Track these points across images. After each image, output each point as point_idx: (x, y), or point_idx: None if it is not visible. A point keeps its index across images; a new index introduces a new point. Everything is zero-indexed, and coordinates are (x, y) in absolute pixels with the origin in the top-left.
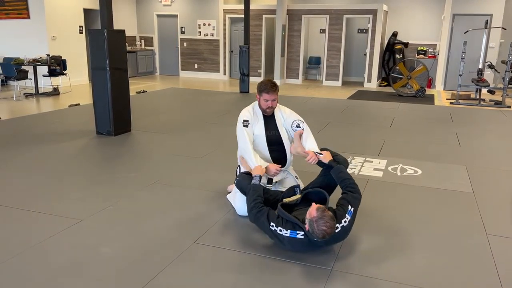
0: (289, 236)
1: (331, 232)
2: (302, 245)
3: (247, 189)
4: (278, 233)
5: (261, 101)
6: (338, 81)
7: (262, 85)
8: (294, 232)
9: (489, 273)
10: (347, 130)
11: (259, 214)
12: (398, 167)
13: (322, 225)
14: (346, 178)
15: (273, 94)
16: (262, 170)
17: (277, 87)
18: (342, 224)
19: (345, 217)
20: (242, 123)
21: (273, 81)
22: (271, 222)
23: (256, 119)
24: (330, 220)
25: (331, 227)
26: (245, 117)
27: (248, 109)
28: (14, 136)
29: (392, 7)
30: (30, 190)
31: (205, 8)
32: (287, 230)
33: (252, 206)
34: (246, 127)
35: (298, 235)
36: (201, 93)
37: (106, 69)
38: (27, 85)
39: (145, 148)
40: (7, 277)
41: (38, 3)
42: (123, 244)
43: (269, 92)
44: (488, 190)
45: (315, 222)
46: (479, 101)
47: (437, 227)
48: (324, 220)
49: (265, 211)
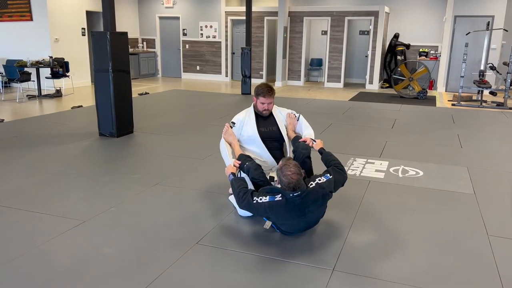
0: (269, 200)
1: (296, 178)
2: (285, 210)
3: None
4: (261, 203)
5: (257, 103)
6: (339, 82)
7: (259, 89)
8: (273, 196)
9: (490, 275)
10: (349, 132)
11: (245, 195)
12: (399, 169)
13: (286, 171)
14: (333, 160)
15: (269, 98)
16: (233, 168)
17: (273, 91)
18: (317, 181)
19: (321, 178)
20: (230, 123)
21: (270, 85)
22: (253, 198)
23: (248, 120)
24: (294, 166)
25: (295, 172)
26: (236, 119)
27: (243, 112)
28: (17, 138)
29: (393, 9)
30: (33, 191)
31: (207, 10)
32: (266, 197)
33: (238, 192)
34: (231, 128)
35: (277, 198)
36: (203, 95)
37: (108, 71)
38: (30, 87)
39: (147, 149)
40: (11, 277)
41: (41, 6)
42: (126, 245)
43: (265, 95)
44: (489, 192)
45: (280, 171)
46: (481, 103)
47: (438, 228)
48: (288, 167)
49: (249, 191)
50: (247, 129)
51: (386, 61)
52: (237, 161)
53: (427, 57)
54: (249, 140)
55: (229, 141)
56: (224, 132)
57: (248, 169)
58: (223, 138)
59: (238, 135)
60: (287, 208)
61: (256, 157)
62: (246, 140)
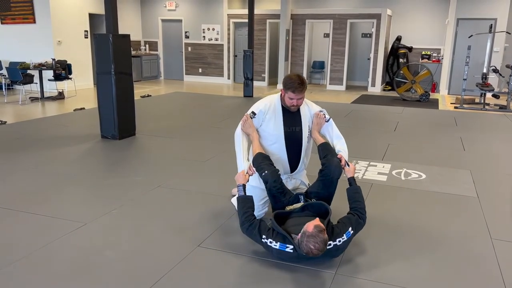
0: (278, 248)
1: (316, 253)
2: (290, 258)
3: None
4: (268, 245)
5: (285, 97)
6: (342, 85)
7: (289, 82)
8: (284, 245)
9: (494, 278)
10: (351, 135)
11: (251, 227)
12: (402, 171)
13: (312, 243)
14: (359, 201)
15: (300, 93)
16: (245, 178)
17: (305, 85)
18: (336, 243)
19: (342, 237)
20: (250, 114)
21: (302, 78)
22: (262, 235)
23: (273, 115)
24: (321, 243)
25: (319, 249)
26: (256, 109)
27: (267, 101)
28: (19, 140)
29: (396, 12)
30: (35, 193)
31: (210, 13)
32: (276, 243)
33: (243, 220)
34: (251, 119)
35: (287, 249)
36: (205, 97)
37: (111, 73)
38: (32, 89)
39: (149, 152)
40: (13, 279)
41: (44, 8)
42: (127, 247)
43: (295, 91)
44: (492, 195)
45: (306, 237)
46: (484, 106)
47: (441, 231)
48: (315, 240)
49: (256, 224)
50: (270, 125)
51: (388, 63)
52: (252, 167)
53: (430, 60)
54: (268, 138)
55: (248, 133)
56: (242, 123)
57: (266, 180)
58: (239, 128)
59: (257, 128)
60: (296, 259)
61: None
62: (266, 137)
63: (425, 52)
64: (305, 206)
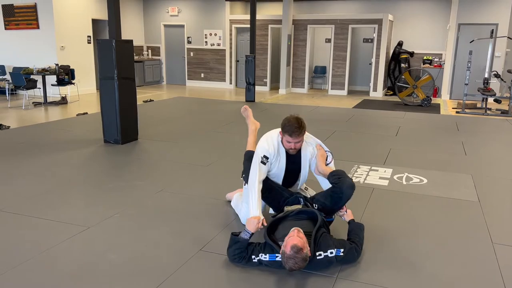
0: (269, 260)
1: (299, 269)
2: (281, 267)
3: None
4: (262, 261)
5: (283, 140)
6: (343, 90)
7: (287, 125)
8: (273, 255)
9: (495, 283)
10: (353, 139)
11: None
12: (403, 176)
13: (291, 263)
14: (359, 236)
15: (298, 137)
16: (256, 227)
17: (303, 129)
18: (327, 254)
19: (332, 250)
20: (261, 158)
21: (300, 121)
22: (252, 256)
23: (277, 156)
24: (301, 262)
25: (300, 267)
26: (266, 153)
27: (270, 141)
28: (23, 144)
29: (397, 17)
30: (38, 197)
31: (212, 18)
32: (266, 254)
33: (232, 257)
34: (264, 164)
35: (277, 258)
36: (207, 102)
37: (114, 78)
38: (35, 94)
39: (151, 156)
40: (16, 283)
41: (47, 14)
42: (130, 251)
43: (292, 135)
44: (494, 199)
45: (285, 258)
46: (485, 110)
47: (442, 236)
48: (294, 261)
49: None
50: (273, 169)
51: (390, 68)
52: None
53: (431, 65)
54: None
55: (252, 128)
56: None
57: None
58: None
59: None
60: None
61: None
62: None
63: (426, 57)
64: (300, 211)
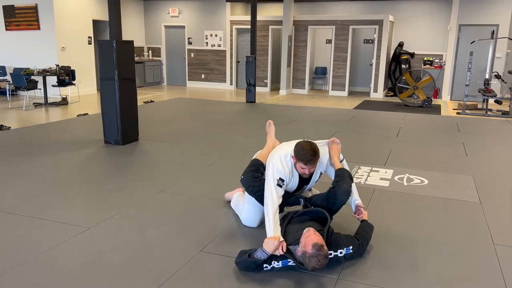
0: (281, 266)
1: (321, 267)
2: (292, 269)
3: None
4: (274, 267)
5: (297, 166)
6: (344, 91)
7: (301, 153)
8: (286, 260)
9: (496, 284)
10: (354, 140)
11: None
12: (404, 177)
13: (314, 262)
14: (368, 234)
15: (313, 165)
16: (274, 249)
17: (317, 157)
18: (337, 253)
19: (342, 250)
20: (277, 181)
21: (315, 148)
22: (264, 265)
23: (291, 177)
24: (323, 259)
25: (323, 265)
26: (282, 175)
27: (285, 164)
28: (23, 145)
29: (398, 18)
30: (39, 198)
31: (213, 19)
32: (279, 261)
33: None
34: (280, 187)
35: (290, 263)
36: (208, 103)
37: (114, 79)
38: (36, 95)
39: (152, 157)
40: (17, 283)
41: (48, 15)
42: (130, 252)
43: (307, 164)
44: (495, 200)
45: (307, 257)
46: (486, 111)
47: (443, 236)
48: (317, 259)
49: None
50: (287, 187)
51: (390, 69)
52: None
53: (432, 66)
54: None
55: (270, 145)
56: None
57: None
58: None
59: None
60: (299, 268)
61: None
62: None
63: (427, 58)
64: (303, 213)
